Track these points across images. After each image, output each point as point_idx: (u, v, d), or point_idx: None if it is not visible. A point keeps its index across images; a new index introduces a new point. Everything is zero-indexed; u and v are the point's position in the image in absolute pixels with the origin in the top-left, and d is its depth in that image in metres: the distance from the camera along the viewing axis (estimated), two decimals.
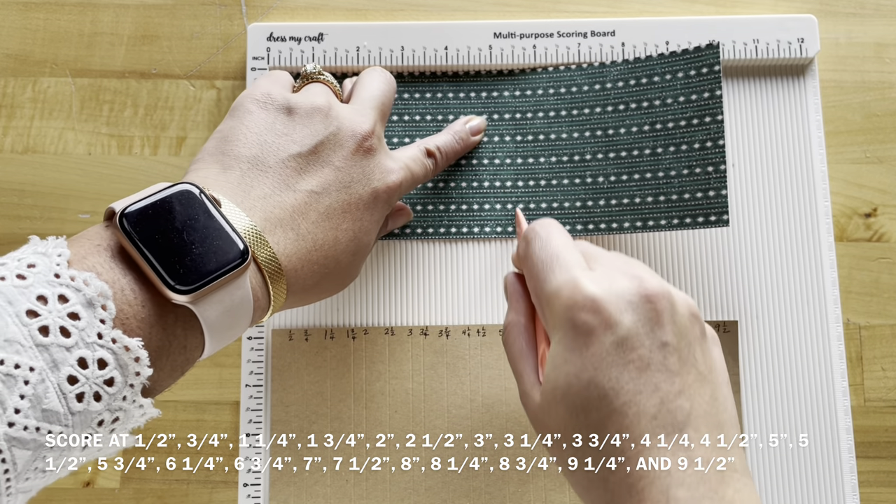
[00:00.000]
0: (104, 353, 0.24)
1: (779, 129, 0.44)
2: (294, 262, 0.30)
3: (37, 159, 0.44)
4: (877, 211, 0.44)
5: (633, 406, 0.27)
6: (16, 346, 0.22)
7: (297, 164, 0.32)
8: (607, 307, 0.28)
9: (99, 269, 0.25)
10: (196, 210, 0.27)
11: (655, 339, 0.28)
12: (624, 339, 0.28)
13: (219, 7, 0.45)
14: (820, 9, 0.45)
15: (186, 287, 0.26)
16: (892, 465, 0.41)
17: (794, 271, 0.42)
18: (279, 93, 0.34)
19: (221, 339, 0.28)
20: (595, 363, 0.28)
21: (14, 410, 0.22)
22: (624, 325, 0.28)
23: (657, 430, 0.27)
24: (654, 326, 0.28)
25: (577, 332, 0.28)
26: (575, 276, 0.29)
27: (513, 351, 0.33)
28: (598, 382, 0.27)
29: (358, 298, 0.42)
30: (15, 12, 0.45)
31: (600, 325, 0.28)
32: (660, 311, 0.28)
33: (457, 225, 0.43)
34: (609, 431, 0.27)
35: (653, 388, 0.27)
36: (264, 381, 0.41)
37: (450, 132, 0.42)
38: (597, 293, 0.28)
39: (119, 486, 0.41)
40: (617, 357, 0.27)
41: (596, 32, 0.44)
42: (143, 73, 0.45)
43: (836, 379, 0.41)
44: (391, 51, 0.43)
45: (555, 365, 0.29)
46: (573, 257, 0.30)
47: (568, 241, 0.31)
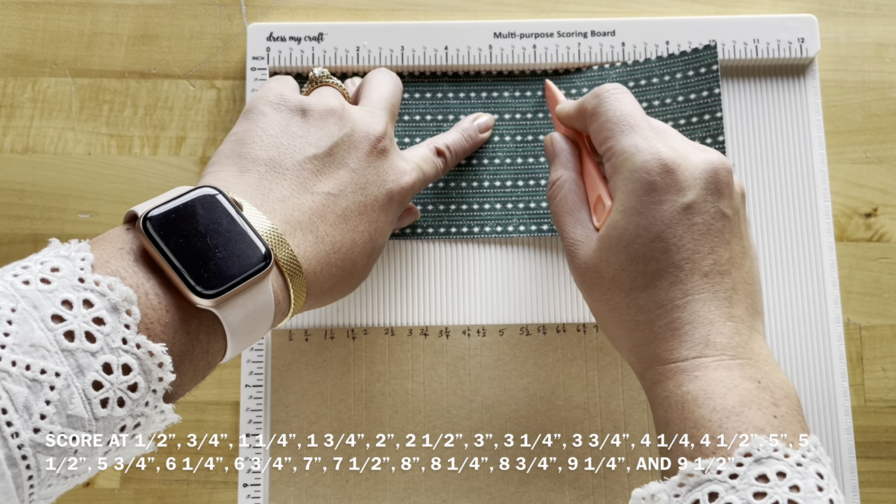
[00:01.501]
0: (128, 359, 0.24)
1: (779, 129, 0.44)
2: (314, 264, 0.30)
3: (36, 159, 0.44)
4: (877, 211, 0.44)
5: (690, 262, 0.31)
6: (41, 351, 0.22)
7: (313, 166, 0.32)
8: (682, 172, 0.31)
9: (122, 273, 0.25)
10: (219, 214, 0.27)
11: (717, 209, 0.32)
12: (692, 203, 0.31)
13: (219, 7, 0.45)
14: (820, 9, 0.45)
15: (211, 291, 0.25)
16: (892, 465, 0.41)
17: (794, 271, 0.42)
18: (292, 95, 0.34)
19: (242, 343, 0.28)
20: (665, 219, 0.31)
21: (40, 416, 0.22)
22: (693, 191, 0.31)
23: (706, 286, 0.31)
24: (718, 197, 0.32)
25: (651, 189, 0.31)
26: (653, 141, 0.32)
27: (566, 204, 0.35)
28: (665, 237, 0.31)
29: (358, 298, 0.42)
30: (15, 12, 0.45)
31: (674, 187, 0.31)
32: (723, 185, 0.32)
33: (457, 225, 0.43)
34: (664, 281, 0.31)
35: (709, 250, 0.31)
36: (264, 381, 0.41)
37: (458, 130, 0.41)
38: (674, 158, 0.32)
39: (119, 487, 0.41)
40: (683, 218, 0.31)
41: (596, 32, 0.44)
42: (142, 73, 0.45)
43: (837, 379, 0.41)
44: (391, 51, 0.43)
45: (625, 215, 0.32)
46: (647, 122, 0.33)
47: (638, 106, 0.34)
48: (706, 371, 0.29)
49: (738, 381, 0.29)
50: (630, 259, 0.32)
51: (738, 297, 0.31)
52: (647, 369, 0.32)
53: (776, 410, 0.29)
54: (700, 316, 0.30)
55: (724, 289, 0.31)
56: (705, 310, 0.30)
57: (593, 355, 0.41)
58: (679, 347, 0.30)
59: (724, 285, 0.31)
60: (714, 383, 0.29)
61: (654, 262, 0.31)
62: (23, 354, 0.22)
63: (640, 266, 0.31)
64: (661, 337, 0.31)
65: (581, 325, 0.42)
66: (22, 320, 0.22)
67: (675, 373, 0.30)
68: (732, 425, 0.28)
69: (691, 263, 0.31)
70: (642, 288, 0.31)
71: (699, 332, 0.30)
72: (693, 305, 0.31)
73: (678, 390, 0.30)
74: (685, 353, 0.30)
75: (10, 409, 0.21)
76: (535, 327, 0.42)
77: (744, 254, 0.32)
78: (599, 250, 0.33)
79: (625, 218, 0.32)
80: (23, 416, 0.22)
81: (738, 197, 0.33)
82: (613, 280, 0.32)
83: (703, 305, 0.30)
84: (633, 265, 0.32)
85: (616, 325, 0.33)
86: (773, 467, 0.27)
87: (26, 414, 0.22)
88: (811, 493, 0.26)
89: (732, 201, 0.32)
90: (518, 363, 0.41)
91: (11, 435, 0.21)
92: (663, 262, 0.31)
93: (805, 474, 0.27)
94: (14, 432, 0.21)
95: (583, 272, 0.34)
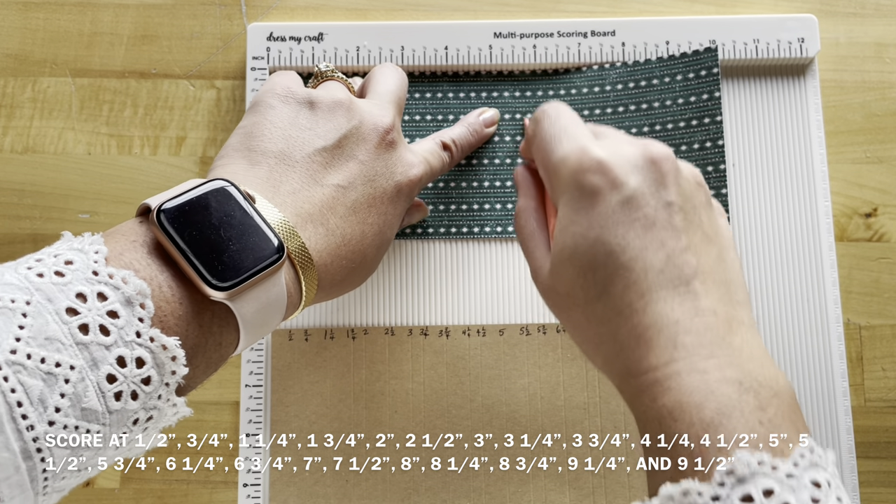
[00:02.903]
0: (142, 352, 0.24)
1: (779, 129, 0.44)
2: (324, 257, 0.30)
3: (36, 159, 0.44)
4: (877, 211, 0.44)
5: (640, 261, 0.28)
6: (56, 344, 0.22)
7: (322, 158, 0.32)
8: (614, 168, 0.29)
9: (136, 266, 0.25)
10: (232, 206, 0.27)
11: (660, 199, 0.29)
12: (630, 198, 0.29)
13: (219, 7, 0.45)
14: (820, 9, 0.45)
15: (225, 284, 0.26)
16: (892, 465, 0.41)
17: (794, 271, 0.42)
18: (299, 88, 0.34)
19: (255, 336, 0.28)
20: (601, 222, 0.29)
21: (55, 409, 0.22)
22: (630, 186, 0.29)
23: (664, 282, 0.28)
24: (659, 187, 0.29)
25: (583, 193, 0.29)
26: (582, 143, 0.30)
27: (525, 232, 0.34)
28: (605, 240, 0.28)
29: (358, 298, 0.42)
30: (15, 12, 0.45)
31: (607, 185, 0.29)
32: (665, 173, 0.29)
33: (457, 225, 0.43)
34: (616, 286, 0.28)
35: (659, 244, 0.28)
36: (264, 381, 0.41)
37: (464, 124, 0.41)
38: (603, 156, 0.29)
39: (119, 486, 0.41)
40: (623, 215, 0.29)
41: (596, 32, 0.44)
42: (142, 72, 0.45)
43: (837, 379, 0.41)
44: (391, 51, 0.43)
45: (562, 227, 0.30)
46: (581, 130, 0.31)
47: (576, 118, 0.32)
48: (679, 379, 0.26)
49: (714, 386, 0.26)
50: (577, 271, 0.29)
51: (705, 287, 0.28)
52: (622, 383, 0.29)
53: (761, 415, 0.26)
54: (663, 316, 0.27)
55: (686, 280, 0.28)
56: (668, 308, 0.27)
57: None
58: (647, 356, 0.27)
59: (684, 277, 0.28)
60: (688, 393, 0.26)
61: (601, 269, 0.29)
62: (38, 347, 0.22)
63: (588, 276, 0.29)
64: (626, 347, 0.28)
65: None
66: (37, 313, 0.23)
67: (649, 385, 0.27)
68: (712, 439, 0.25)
69: (642, 261, 0.28)
70: (597, 298, 0.29)
71: (665, 335, 0.27)
72: (653, 306, 0.27)
73: (653, 405, 0.27)
74: (654, 360, 0.27)
75: (25, 402, 0.22)
76: (535, 327, 0.42)
77: (707, 241, 0.30)
78: (551, 270, 0.31)
79: (563, 231, 0.30)
80: (38, 409, 0.22)
81: (688, 183, 0.30)
82: (569, 296, 0.30)
83: (665, 304, 0.27)
84: (581, 276, 0.29)
85: (584, 342, 0.31)
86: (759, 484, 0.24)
87: (41, 407, 0.22)
88: None
89: (680, 188, 0.30)
90: (518, 363, 0.41)
91: (27, 428, 0.22)
92: (610, 266, 0.28)
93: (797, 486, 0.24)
94: (29, 425, 0.22)
95: (544, 294, 0.32)
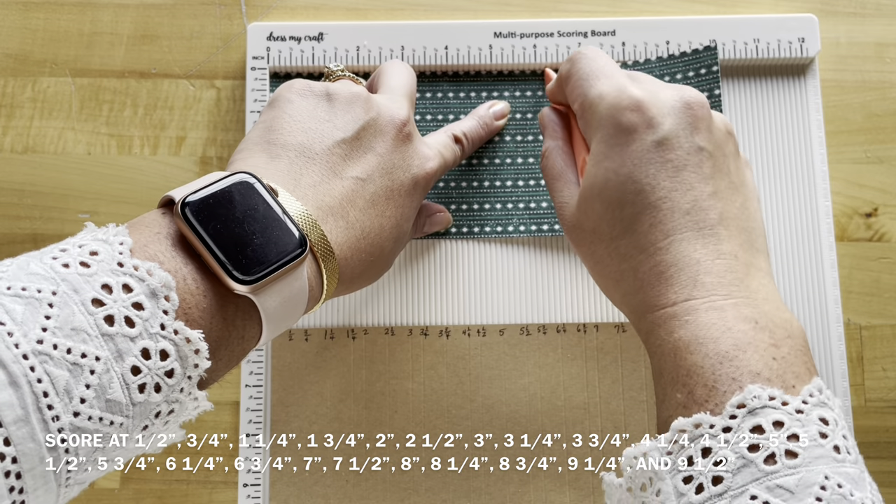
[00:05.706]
0: (166, 345, 0.24)
1: (779, 129, 0.44)
2: (345, 250, 0.30)
3: (36, 159, 0.44)
4: (877, 211, 0.44)
5: (668, 201, 0.29)
6: (82, 335, 0.22)
7: (342, 150, 0.32)
8: (650, 108, 0.30)
9: (161, 258, 0.25)
10: (255, 200, 0.27)
11: (693, 143, 0.30)
12: (664, 139, 0.30)
13: (219, 7, 0.45)
14: (820, 8, 0.45)
15: (249, 277, 0.26)
16: (893, 466, 0.41)
17: (794, 271, 0.42)
18: (316, 83, 0.34)
19: (276, 329, 0.28)
20: (634, 160, 0.30)
21: (80, 400, 0.22)
22: (664, 126, 0.30)
23: (689, 224, 0.29)
24: (692, 131, 0.30)
25: (618, 130, 0.30)
26: (621, 82, 0.31)
27: (553, 170, 0.35)
28: (636, 177, 0.30)
29: (358, 298, 0.42)
30: (15, 12, 0.45)
31: (642, 124, 0.30)
32: (699, 118, 0.30)
33: (457, 225, 0.43)
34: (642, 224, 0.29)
35: (687, 186, 0.29)
36: (264, 381, 0.41)
37: (474, 117, 0.41)
38: (641, 95, 0.30)
39: (119, 487, 0.41)
40: (655, 155, 0.30)
41: (596, 32, 0.44)
42: (142, 72, 0.45)
43: (837, 379, 0.41)
44: (391, 50, 0.43)
45: (595, 163, 0.31)
46: (619, 70, 0.33)
47: (612, 61, 0.33)
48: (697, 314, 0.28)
49: (731, 323, 0.27)
50: (605, 206, 0.30)
51: (728, 232, 0.29)
52: (639, 319, 0.30)
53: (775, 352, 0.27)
54: (685, 256, 0.29)
55: (710, 225, 0.29)
56: (690, 249, 0.29)
57: (593, 355, 0.41)
58: (667, 292, 0.29)
59: (709, 221, 0.29)
60: (706, 327, 0.27)
61: (629, 206, 0.30)
62: (64, 338, 0.22)
63: (616, 212, 0.30)
64: (647, 283, 0.29)
65: (581, 325, 0.42)
66: (63, 304, 0.22)
67: (666, 319, 0.28)
68: (726, 371, 0.26)
69: (669, 202, 0.29)
70: (622, 234, 0.30)
71: (686, 274, 0.28)
72: (676, 246, 0.29)
73: (669, 337, 0.28)
74: (673, 297, 0.28)
75: (51, 393, 0.21)
76: (535, 327, 0.42)
77: (733, 189, 0.31)
78: (579, 205, 0.32)
79: (595, 165, 0.31)
80: (63, 399, 0.22)
81: (719, 132, 0.31)
82: (594, 232, 0.31)
83: (688, 245, 0.29)
84: (609, 212, 0.30)
85: (604, 278, 0.32)
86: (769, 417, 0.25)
87: (67, 398, 0.22)
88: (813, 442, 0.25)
89: (712, 135, 0.31)
90: (518, 363, 0.41)
91: (52, 418, 0.21)
92: (638, 204, 0.30)
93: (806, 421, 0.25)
94: (55, 415, 0.22)
95: (569, 231, 0.33)
